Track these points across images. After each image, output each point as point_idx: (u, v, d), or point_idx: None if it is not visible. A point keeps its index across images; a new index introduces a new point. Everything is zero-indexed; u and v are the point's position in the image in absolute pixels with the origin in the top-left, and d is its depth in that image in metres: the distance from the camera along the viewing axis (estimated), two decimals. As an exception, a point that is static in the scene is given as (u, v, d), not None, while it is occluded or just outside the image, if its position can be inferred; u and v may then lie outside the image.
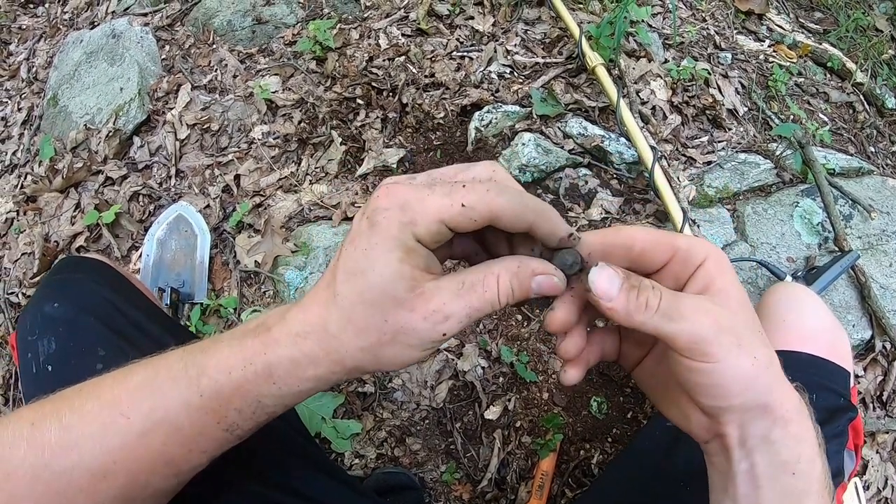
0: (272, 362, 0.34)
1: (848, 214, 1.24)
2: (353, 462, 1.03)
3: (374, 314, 0.33)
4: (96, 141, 1.40)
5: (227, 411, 0.35)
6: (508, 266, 0.34)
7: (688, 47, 1.46)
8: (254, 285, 1.18)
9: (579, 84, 1.30)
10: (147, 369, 0.37)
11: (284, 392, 0.35)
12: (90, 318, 0.56)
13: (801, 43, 1.59)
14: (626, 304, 0.33)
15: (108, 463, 0.35)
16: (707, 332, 0.32)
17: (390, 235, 0.32)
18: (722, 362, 0.32)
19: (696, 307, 0.33)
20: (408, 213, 0.32)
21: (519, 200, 0.32)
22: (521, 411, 1.07)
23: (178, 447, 0.36)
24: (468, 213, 0.31)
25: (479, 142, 1.24)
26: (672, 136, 1.28)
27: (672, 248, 0.35)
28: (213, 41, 1.48)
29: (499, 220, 0.32)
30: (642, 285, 0.33)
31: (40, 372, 0.54)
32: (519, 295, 0.34)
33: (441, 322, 0.33)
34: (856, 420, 0.63)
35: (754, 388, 0.33)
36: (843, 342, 0.68)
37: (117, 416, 0.35)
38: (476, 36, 1.40)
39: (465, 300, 0.33)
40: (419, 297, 0.32)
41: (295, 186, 1.26)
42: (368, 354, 0.34)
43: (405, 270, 0.32)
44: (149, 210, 1.32)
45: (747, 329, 0.34)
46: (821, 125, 1.45)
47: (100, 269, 0.64)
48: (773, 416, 0.33)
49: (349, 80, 1.32)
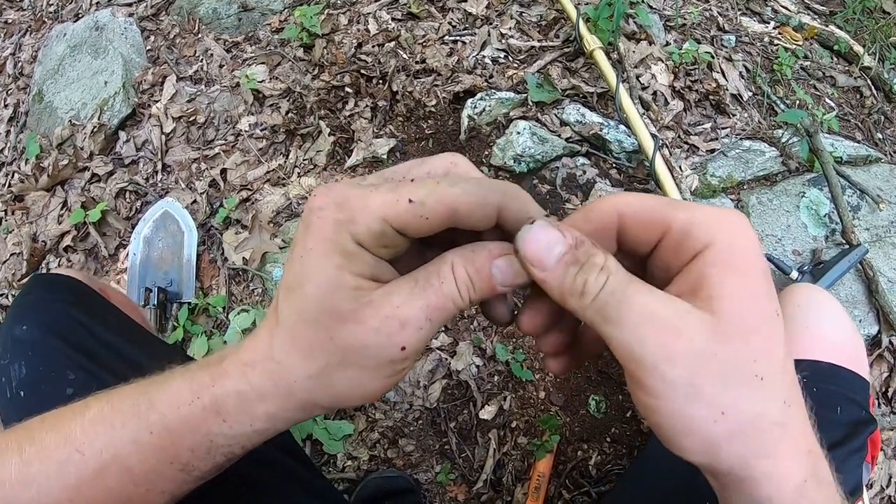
0: (219, 396, 0.30)
1: (856, 205, 1.20)
2: (345, 464, 1.01)
3: (317, 333, 0.28)
4: (82, 137, 1.37)
5: (180, 450, 0.31)
6: (462, 252, 0.28)
7: (690, 29, 1.40)
8: (242, 283, 1.15)
9: (577, 69, 1.26)
10: (102, 402, 0.34)
11: (236, 431, 0.31)
12: (58, 340, 0.54)
13: (808, 25, 1.53)
14: (560, 280, 0.25)
15: (64, 501, 0.32)
16: (645, 355, 0.24)
17: (325, 237, 0.27)
18: (664, 403, 0.24)
19: (642, 313, 0.24)
20: (345, 210, 0.26)
21: (477, 188, 0.27)
22: (516, 411, 1.04)
23: (132, 486, 0.32)
24: (416, 209, 0.26)
25: (472, 130, 1.19)
26: (674, 123, 1.24)
27: (663, 225, 0.26)
28: (198, 30, 1.44)
29: (457, 216, 0.27)
30: (590, 262, 0.25)
31: (14, 397, 0.52)
32: (480, 286, 0.28)
33: (397, 332, 0.27)
34: (875, 433, 0.60)
35: (716, 453, 0.24)
36: (862, 350, 0.64)
37: (73, 451, 0.32)
38: (469, 19, 1.35)
39: (421, 299, 0.27)
40: (366, 307, 0.27)
41: (283, 180, 1.22)
42: (319, 383, 0.29)
43: (345, 279, 0.27)
44: (135, 206, 1.29)
45: (729, 369, 0.24)
46: (827, 111, 1.40)
47: (71, 287, 0.61)
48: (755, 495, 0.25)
49: (337, 68, 1.28)
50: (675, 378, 0.23)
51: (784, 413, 0.25)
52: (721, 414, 0.23)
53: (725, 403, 0.24)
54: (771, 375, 0.24)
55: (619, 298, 0.24)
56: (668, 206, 0.26)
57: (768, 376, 0.24)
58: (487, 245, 0.28)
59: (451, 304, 0.27)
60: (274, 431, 0.31)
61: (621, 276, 0.25)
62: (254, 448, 0.33)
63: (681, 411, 0.24)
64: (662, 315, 0.24)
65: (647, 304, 0.24)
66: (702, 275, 0.25)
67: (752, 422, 0.24)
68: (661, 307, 0.24)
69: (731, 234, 0.25)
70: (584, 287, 0.25)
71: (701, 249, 0.25)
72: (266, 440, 0.32)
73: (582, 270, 0.25)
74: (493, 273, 0.27)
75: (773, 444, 0.24)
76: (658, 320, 0.24)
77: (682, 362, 0.23)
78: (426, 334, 0.28)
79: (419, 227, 0.27)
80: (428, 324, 0.27)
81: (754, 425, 0.24)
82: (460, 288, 0.27)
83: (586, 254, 0.26)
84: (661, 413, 0.24)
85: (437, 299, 0.27)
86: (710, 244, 0.25)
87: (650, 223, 0.27)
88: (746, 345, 0.24)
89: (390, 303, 0.27)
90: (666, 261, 0.27)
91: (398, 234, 0.27)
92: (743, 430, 0.24)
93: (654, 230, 0.27)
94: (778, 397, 0.25)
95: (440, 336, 1.07)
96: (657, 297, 0.25)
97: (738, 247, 0.25)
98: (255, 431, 0.31)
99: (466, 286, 0.27)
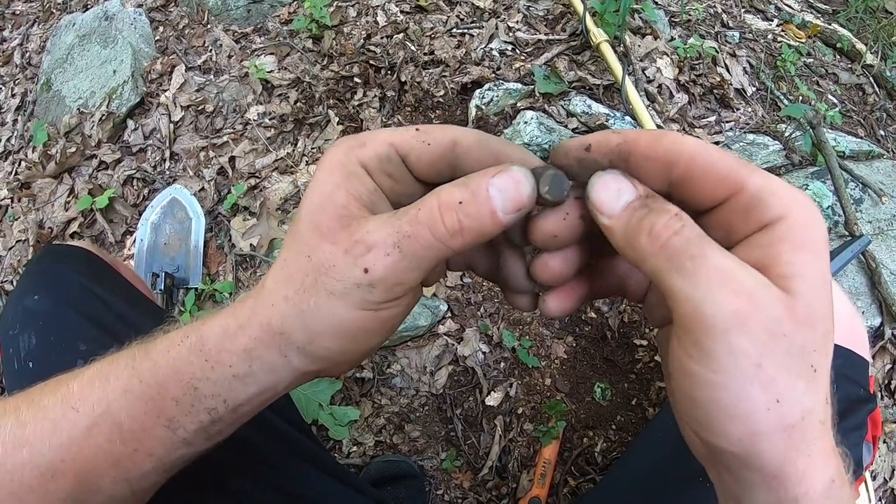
0: (204, 332, 0.29)
1: (858, 198, 1.21)
2: (350, 450, 1.01)
3: (299, 251, 0.27)
4: (90, 125, 1.37)
5: (165, 401, 0.30)
6: (456, 180, 0.26)
7: (695, 25, 1.42)
8: (249, 269, 1.16)
9: (583, 61, 1.27)
10: (103, 360, 0.33)
11: (218, 375, 0.29)
12: (71, 310, 0.53)
13: (811, 23, 1.55)
14: (626, 223, 0.24)
15: (56, 461, 0.31)
16: (717, 318, 0.21)
17: (335, 160, 0.27)
18: (720, 377, 0.22)
19: (723, 272, 0.22)
20: (359, 139, 0.28)
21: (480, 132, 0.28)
22: (522, 397, 1.04)
23: (121, 445, 0.31)
24: (421, 135, 0.27)
25: (479, 120, 1.20)
26: (679, 116, 1.25)
27: (735, 185, 0.23)
28: (207, 21, 1.45)
29: (458, 149, 0.27)
30: (660, 207, 0.24)
31: (22, 368, 0.51)
32: (477, 212, 0.24)
33: (362, 254, 0.25)
34: (875, 411, 0.60)
35: (758, 444, 0.22)
36: (861, 330, 0.64)
37: (68, 409, 0.32)
38: (477, 12, 1.37)
39: (392, 226, 0.25)
40: (345, 229, 0.26)
41: (291, 168, 1.23)
42: (293, 308, 0.27)
43: (338, 196, 0.27)
44: (143, 194, 1.30)
45: (795, 354, 0.22)
46: (830, 107, 1.41)
47: (84, 258, 0.60)
48: (782, 494, 0.23)
49: (346, 59, 1.29)
50: (744, 351, 0.21)
51: (825, 410, 0.23)
52: (776, 402, 0.21)
53: (783, 391, 0.22)
54: (823, 369, 0.23)
55: (695, 248, 0.22)
56: (744, 167, 0.24)
57: (821, 369, 0.23)
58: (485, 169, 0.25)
59: (428, 233, 0.25)
60: (256, 385, 0.29)
61: (698, 228, 0.23)
62: (244, 419, 0.31)
63: (736, 390, 0.21)
64: (742, 278, 0.22)
65: (727, 265, 0.22)
66: (774, 250, 0.22)
67: (801, 415, 0.22)
68: (740, 269, 0.22)
69: (806, 213, 0.23)
70: (652, 228, 0.23)
71: (773, 221, 0.23)
72: (251, 399, 0.30)
73: (651, 213, 0.23)
74: (492, 195, 0.24)
75: (813, 441, 0.23)
76: (738, 284, 0.21)
77: (755, 336, 0.21)
78: (395, 262, 0.25)
79: (421, 153, 0.27)
80: (396, 251, 0.25)
81: (802, 419, 0.22)
82: (444, 214, 0.25)
83: (658, 202, 0.24)
84: (711, 388, 0.22)
85: (411, 227, 0.25)
86: (783, 217, 0.23)
87: (723, 179, 0.24)
88: (813, 333, 0.22)
89: (364, 227, 0.26)
90: (728, 223, 0.24)
91: (403, 165, 0.28)
92: (792, 422, 0.22)
93: (724, 188, 0.24)
94: (824, 392, 0.23)
95: (447, 322, 1.08)
96: (737, 262, 0.22)
97: (812, 227, 0.23)
98: (234, 376, 0.29)
99: (453, 212, 0.25)
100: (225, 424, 0.31)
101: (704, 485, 0.50)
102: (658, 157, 0.25)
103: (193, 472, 0.35)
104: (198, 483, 0.37)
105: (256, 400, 0.30)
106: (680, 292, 0.22)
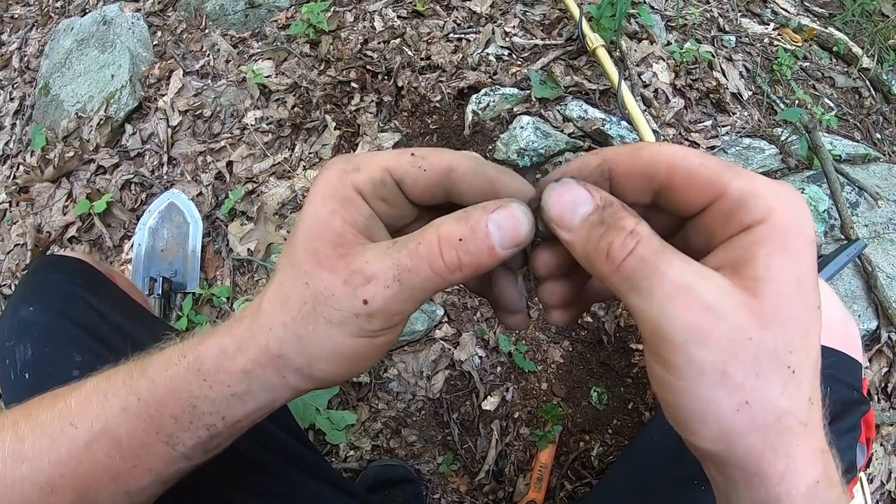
0: (202, 353, 0.30)
1: (854, 202, 1.21)
2: (347, 454, 1.01)
3: (296, 277, 0.27)
4: (88, 129, 1.38)
5: (164, 419, 0.30)
6: (454, 213, 0.26)
7: (691, 29, 1.42)
8: (247, 274, 1.16)
9: (579, 66, 1.27)
10: (100, 376, 0.33)
11: (216, 394, 0.29)
12: (66, 321, 0.53)
13: (807, 27, 1.56)
14: (585, 241, 0.24)
15: (55, 476, 0.32)
16: (673, 332, 0.22)
17: (329, 184, 0.27)
18: (685, 384, 0.22)
19: (676, 285, 0.22)
20: (353, 162, 0.28)
21: (476, 158, 0.28)
22: (519, 402, 1.04)
23: (121, 461, 0.32)
24: (416, 160, 0.27)
25: (476, 125, 1.21)
26: (675, 120, 1.25)
27: (716, 189, 0.23)
28: (205, 26, 1.45)
29: (454, 176, 0.27)
30: (617, 224, 0.23)
31: (18, 379, 0.51)
32: (475, 247, 0.25)
33: (361, 285, 0.26)
34: (868, 413, 0.61)
35: (733, 444, 0.23)
36: (854, 332, 0.64)
37: (66, 425, 0.32)
38: (473, 17, 1.37)
39: (392, 258, 0.26)
40: (343, 258, 0.26)
41: (288, 173, 1.23)
42: (291, 334, 0.27)
43: (333, 223, 0.27)
44: (140, 198, 1.30)
45: (765, 357, 0.22)
46: (827, 110, 1.42)
47: (79, 269, 0.60)
48: (763, 493, 0.23)
49: (343, 64, 1.29)
50: (703, 361, 0.21)
51: (808, 411, 0.23)
52: (745, 403, 0.22)
53: (752, 393, 0.22)
54: (803, 370, 0.22)
55: (649, 267, 0.22)
56: (726, 170, 0.23)
57: (800, 370, 0.22)
58: (483, 203, 0.26)
59: (428, 268, 0.25)
60: (255, 402, 0.30)
61: (654, 242, 0.23)
62: (241, 432, 0.32)
63: (701, 395, 0.22)
64: (698, 290, 0.22)
65: (681, 277, 0.22)
66: (749, 252, 0.22)
67: (775, 416, 0.22)
68: (697, 281, 0.22)
69: (789, 214, 0.23)
70: (608, 249, 0.23)
71: (753, 224, 0.23)
72: (249, 415, 0.30)
73: (608, 231, 0.23)
74: (491, 231, 0.25)
75: (792, 442, 0.23)
76: (692, 296, 0.22)
77: (714, 345, 0.21)
78: (394, 294, 0.26)
79: (416, 179, 0.27)
80: (396, 284, 0.25)
81: (778, 420, 0.22)
82: (444, 250, 0.25)
83: (614, 215, 0.24)
84: (678, 394, 0.23)
85: (410, 260, 0.25)
86: (764, 220, 0.23)
87: (705, 184, 0.24)
88: (785, 334, 0.22)
89: (363, 257, 0.26)
90: (710, 228, 0.24)
91: (398, 190, 0.28)
92: (765, 423, 0.22)
93: (706, 193, 0.24)
94: (805, 393, 0.23)
95: (443, 327, 1.08)
96: (694, 270, 0.22)
97: (794, 228, 0.23)
98: (233, 395, 0.29)
99: (453, 248, 0.25)
100: (223, 438, 0.32)
101: (700, 487, 0.51)
102: (638, 171, 0.25)
103: (191, 485, 0.36)
104: (197, 496, 0.38)
105: (254, 415, 0.31)
106: (638, 311, 0.23)
